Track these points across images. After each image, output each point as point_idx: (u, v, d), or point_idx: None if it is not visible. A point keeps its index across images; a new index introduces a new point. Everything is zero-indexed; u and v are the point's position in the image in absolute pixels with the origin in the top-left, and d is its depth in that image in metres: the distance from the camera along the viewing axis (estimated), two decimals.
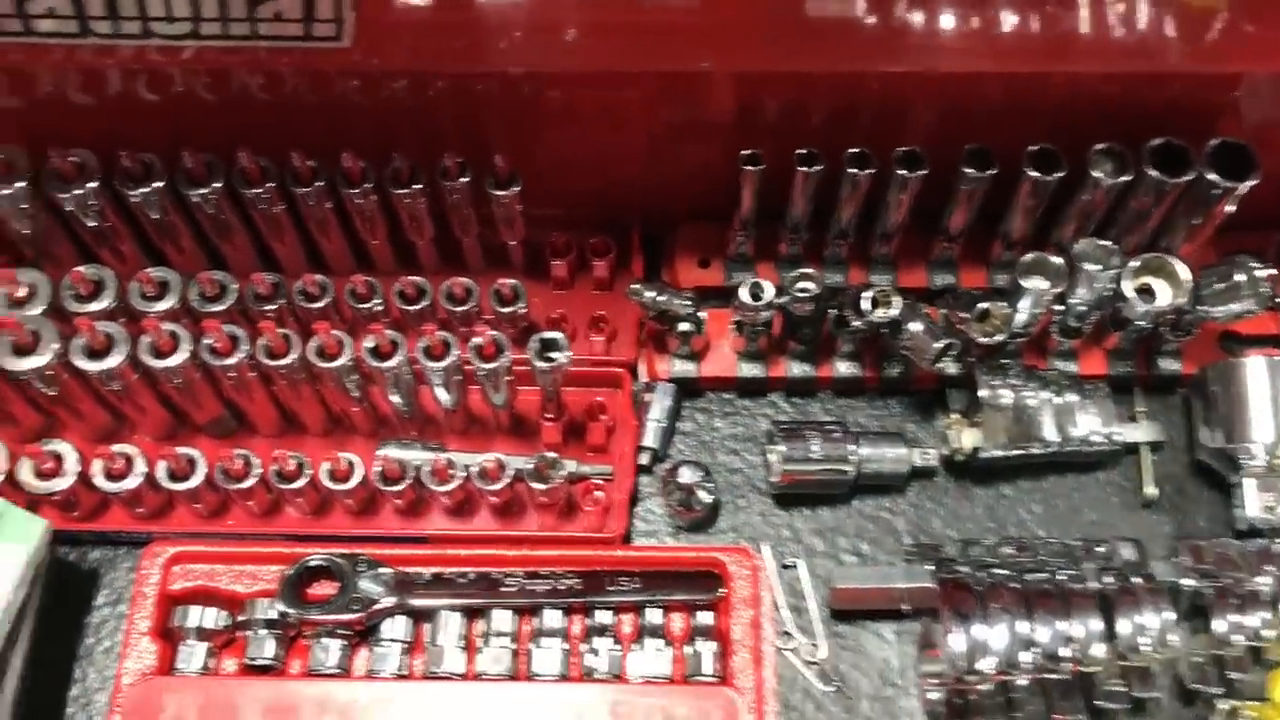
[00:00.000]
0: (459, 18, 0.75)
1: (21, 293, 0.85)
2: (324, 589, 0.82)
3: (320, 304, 0.87)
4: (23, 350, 0.80)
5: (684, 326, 0.87)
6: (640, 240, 0.95)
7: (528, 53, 0.78)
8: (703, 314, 0.89)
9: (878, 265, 0.93)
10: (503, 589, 0.82)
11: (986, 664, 0.75)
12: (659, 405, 0.90)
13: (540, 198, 0.89)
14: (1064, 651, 0.75)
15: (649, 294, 0.86)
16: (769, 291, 0.84)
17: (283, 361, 0.80)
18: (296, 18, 0.70)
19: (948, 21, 0.78)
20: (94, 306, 0.85)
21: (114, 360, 0.80)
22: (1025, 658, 0.75)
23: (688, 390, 0.92)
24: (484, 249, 0.95)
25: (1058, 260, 0.84)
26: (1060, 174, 0.82)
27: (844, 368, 0.91)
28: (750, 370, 0.91)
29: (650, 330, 0.92)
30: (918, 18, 0.77)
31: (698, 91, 0.86)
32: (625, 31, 0.78)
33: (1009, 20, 0.78)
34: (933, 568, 0.80)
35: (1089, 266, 0.83)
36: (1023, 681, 0.76)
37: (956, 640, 0.75)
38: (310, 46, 0.72)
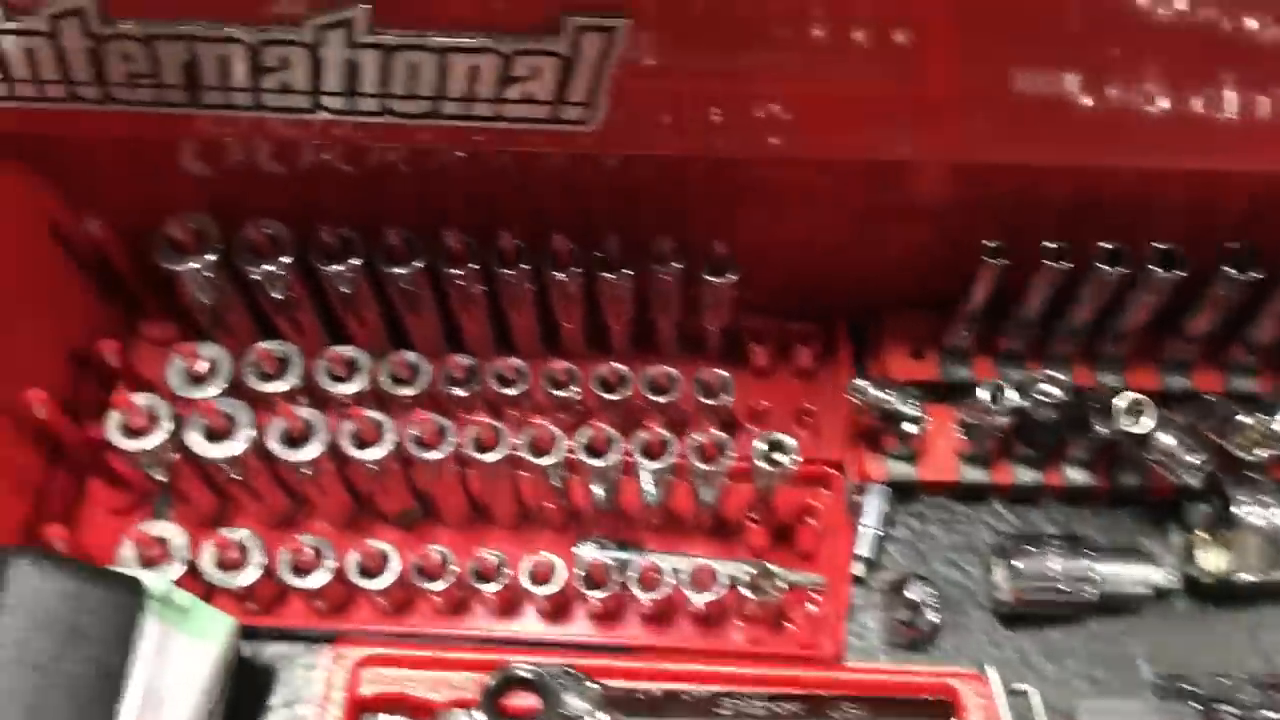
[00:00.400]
0: (694, 100, 0.70)
1: (202, 368, 0.81)
2: (521, 698, 0.77)
3: (516, 390, 0.82)
4: (215, 435, 0.76)
5: (908, 427, 0.81)
6: (846, 328, 0.90)
7: (747, 138, 0.73)
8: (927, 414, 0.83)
9: (1106, 364, 0.87)
10: (718, 710, 0.75)
11: None
12: (873, 509, 0.84)
13: (741, 281, 0.83)
14: None
15: (873, 392, 0.80)
16: (1010, 395, 0.78)
17: (491, 456, 0.75)
18: (547, 99, 0.65)
19: (1189, 111, 0.72)
20: (279, 385, 0.81)
21: (314, 449, 0.75)
22: None
23: (900, 493, 0.86)
24: (679, 334, 0.89)
25: None
26: None
27: (1075, 475, 0.84)
28: (973, 474, 0.84)
29: (860, 426, 0.86)
30: (1151, 106, 0.71)
31: (906, 176, 0.80)
32: (836, 118, 0.72)
33: (1259, 110, 0.72)
34: (1196, 706, 0.73)
35: None
36: None
37: None
38: (554, 129, 0.67)
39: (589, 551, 0.80)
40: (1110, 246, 0.77)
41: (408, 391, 0.81)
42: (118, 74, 0.65)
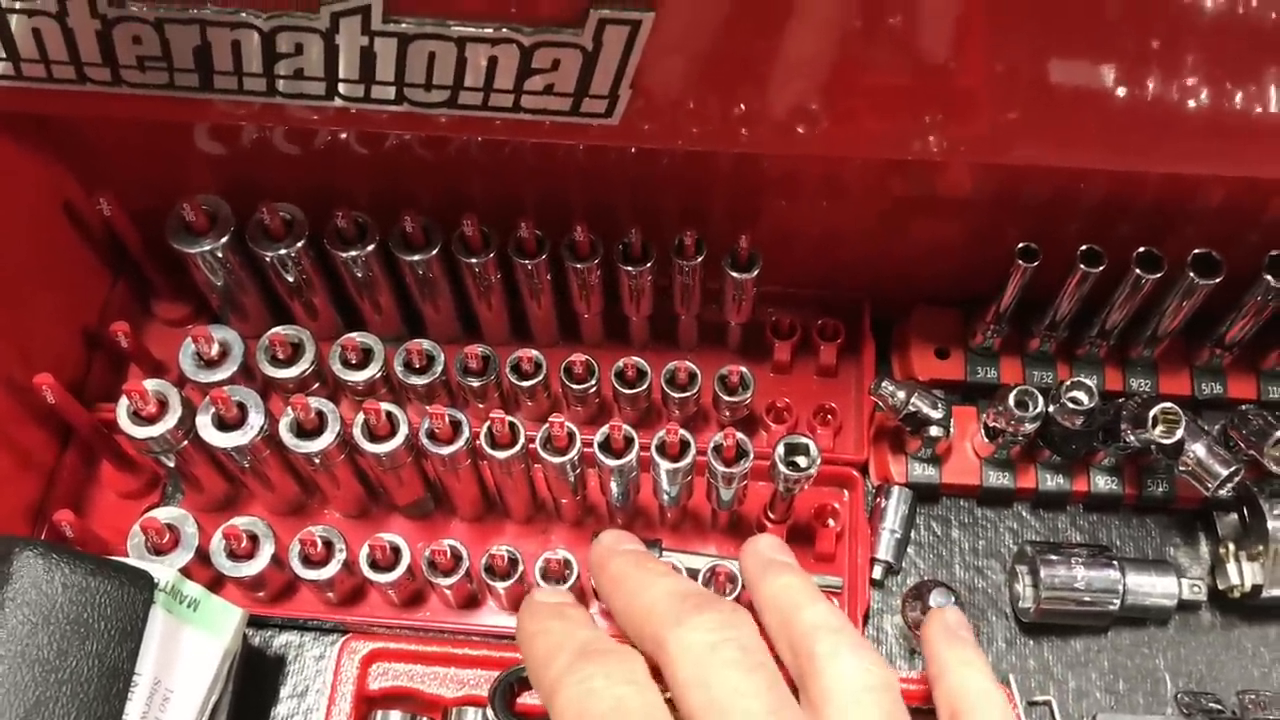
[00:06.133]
0: (718, 96, 0.67)
1: (214, 351, 0.79)
2: (534, 696, 0.75)
3: (533, 382, 0.81)
4: (226, 423, 0.75)
5: (933, 430, 0.79)
6: (870, 325, 0.88)
7: (770, 136, 0.70)
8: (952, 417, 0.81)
9: (1137, 369, 0.84)
10: None
11: None
12: (894, 512, 0.82)
13: (763, 273, 0.81)
14: None
15: (900, 394, 0.78)
16: (1039, 402, 0.76)
17: (507, 453, 0.74)
18: (568, 92, 0.63)
19: (1229, 117, 0.68)
20: (291, 372, 0.79)
21: (324, 440, 0.74)
22: None
23: (923, 495, 0.84)
24: (700, 327, 0.88)
25: None
26: None
27: (1102, 482, 0.82)
28: (997, 479, 0.83)
29: (881, 425, 0.84)
30: (1190, 112, 0.67)
31: (936, 173, 0.78)
32: (862, 118, 0.69)
33: None
34: None
35: None
36: None
37: None
38: (575, 122, 0.65)
39: None
40: (1145, 250, 0.74)
41: (422, 380, 0.80)
42: (127, 57, 0.63)
